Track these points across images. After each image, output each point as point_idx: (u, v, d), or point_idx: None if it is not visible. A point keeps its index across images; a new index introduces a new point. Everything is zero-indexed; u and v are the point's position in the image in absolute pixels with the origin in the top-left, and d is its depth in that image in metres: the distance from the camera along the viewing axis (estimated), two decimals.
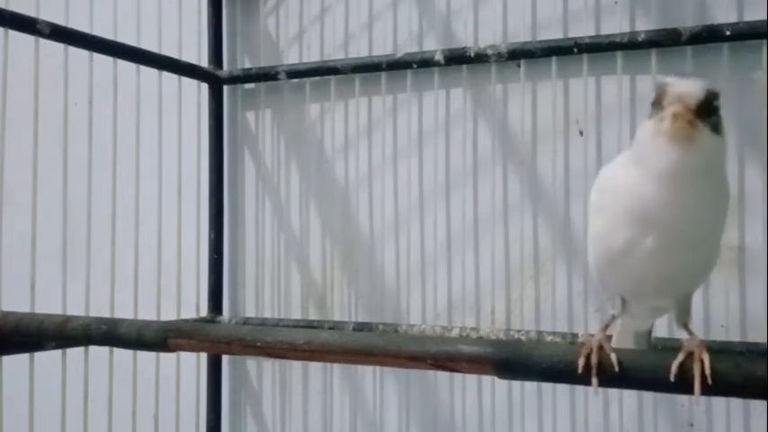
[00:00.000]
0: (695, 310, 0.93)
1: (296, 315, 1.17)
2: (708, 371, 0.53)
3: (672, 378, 0.54)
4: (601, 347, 0.56)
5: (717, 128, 0.54)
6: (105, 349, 0.92)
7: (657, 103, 0.55)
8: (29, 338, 0.81)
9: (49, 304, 0.87)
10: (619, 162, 0.60)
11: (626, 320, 0.68)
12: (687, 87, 0.54)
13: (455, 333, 1.02)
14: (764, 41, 0.90)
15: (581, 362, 0.56)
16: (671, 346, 0.87)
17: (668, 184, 0.54)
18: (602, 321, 0.64)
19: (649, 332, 0.74)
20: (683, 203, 0.55)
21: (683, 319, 0.62)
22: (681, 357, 0.54)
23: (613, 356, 0.55)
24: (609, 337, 0.59)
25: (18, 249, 0.89)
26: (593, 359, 0.56)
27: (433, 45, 1.10)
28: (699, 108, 0.53)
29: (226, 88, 1.22)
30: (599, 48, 0.97)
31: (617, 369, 0.55)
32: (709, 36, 0.92)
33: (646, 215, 0.56)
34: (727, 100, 0.92)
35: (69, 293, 0.95)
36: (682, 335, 0.62)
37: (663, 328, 0.94)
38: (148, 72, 1.07)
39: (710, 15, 0.95)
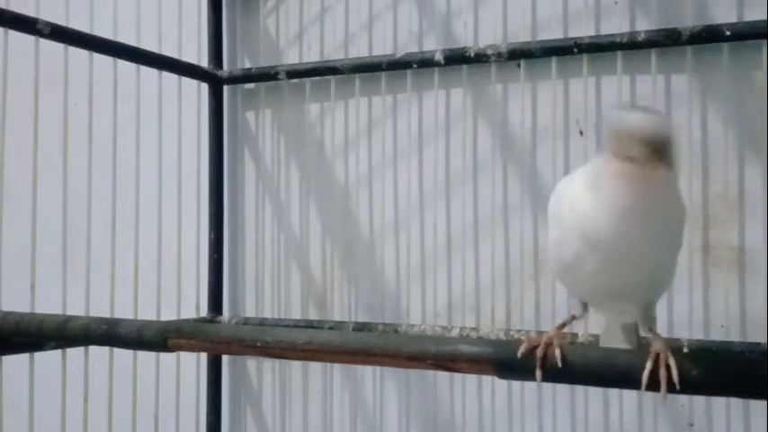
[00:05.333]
0: (696, 311, 0.94)
1: (296, 315, 1.17)
2: (675, 377, 0.54)
3: (643, 388, 0.55)
4: (550, 344, 0.58)
5: (671, 162, 0.54)
6: (105, 349, 0.92)
7: (617, 140, 0.54)
8: (29, 338, 0.81)
9: (49, 304, 0.87)
10: (576, 179, 0.60)
11: (609, 317, 0.69)
12: (653, 128, 0.54)
13: (455, 333, 1.02)
14: (764, 41, 0.90)
15: (522, 348, 0.58)
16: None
17: (620, 217, 0.55)
18: (567, 319, 0.66)
19: (636, 326, 0.74)
20: (629, 234, 0.56)
21: (647, 325, 0.63)
22: (649, 365, 0.55)
23: (557, 352, 0.58)
24: (564, 335, 0.61)
25: (18, 249, 0.89)
26: (539, 353, 0.58)
27: (433, 45, 1.10)
28: (663, 150, 0.53)
29: (226, 88, 1.22)
30: (599, 48, 0.97)
31: (560, 364, 0.57)
32: (709, 36, 0.92)
33: (595, 238, 0.57)
34: (727, 100, 0.93)
35: (69, 293, 0.95)
36: (647, 335, 0.63)
37: (662, 328, 0.94)
38: (148, 72, 1.07)
39: (710, 15, 0.95)
